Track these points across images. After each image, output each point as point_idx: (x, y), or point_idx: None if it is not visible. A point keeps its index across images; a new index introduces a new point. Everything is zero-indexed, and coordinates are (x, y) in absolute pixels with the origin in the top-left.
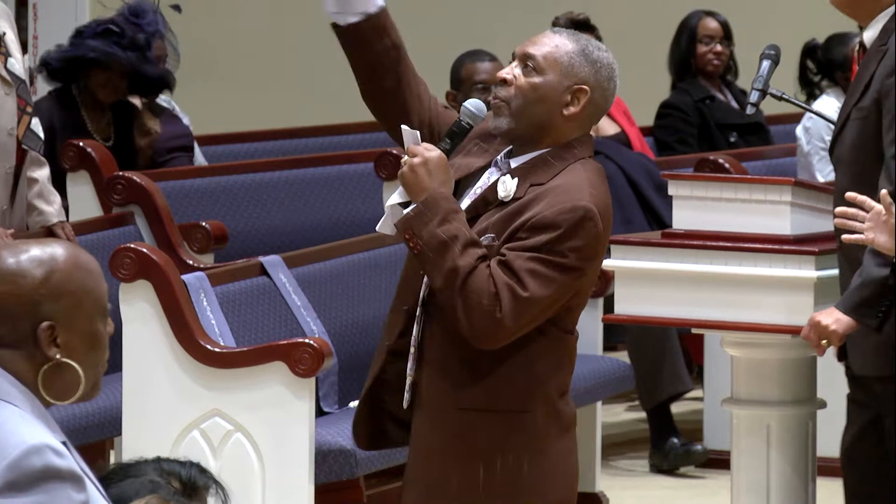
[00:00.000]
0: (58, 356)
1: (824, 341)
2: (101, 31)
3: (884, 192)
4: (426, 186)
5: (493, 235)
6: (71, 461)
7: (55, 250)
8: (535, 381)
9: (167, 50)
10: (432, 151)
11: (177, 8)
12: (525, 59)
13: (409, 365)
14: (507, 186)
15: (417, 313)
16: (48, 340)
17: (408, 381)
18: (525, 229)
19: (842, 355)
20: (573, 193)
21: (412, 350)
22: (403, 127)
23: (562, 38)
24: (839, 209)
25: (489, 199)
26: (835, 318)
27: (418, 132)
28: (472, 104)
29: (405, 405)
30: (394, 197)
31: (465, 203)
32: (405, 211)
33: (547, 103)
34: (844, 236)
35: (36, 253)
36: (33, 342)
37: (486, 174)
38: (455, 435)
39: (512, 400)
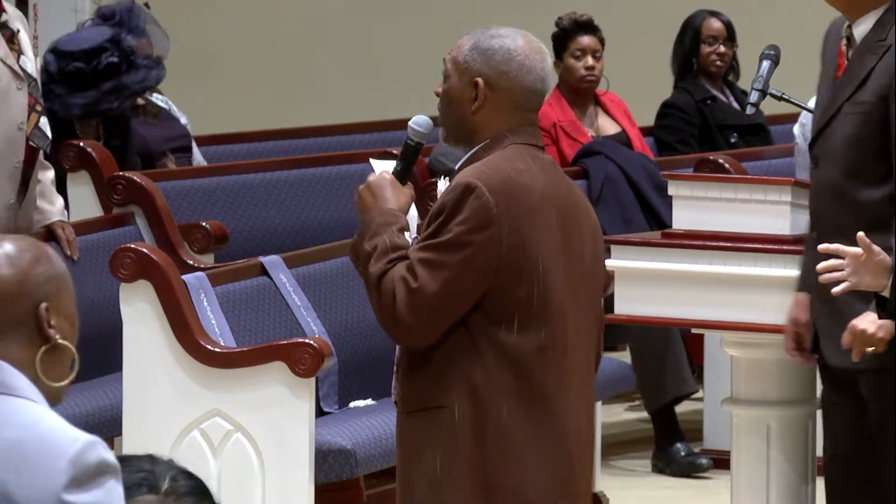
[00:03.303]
0: (57, 337)
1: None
2: (63, 74)
3: (860, 234)
4: (368, 208)
5: (416, 236)
6: (112, 454)
7: (29, 239)
8: (454, 375)
9: (151, 46)
10: (377, 175)
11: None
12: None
13: (394, 381)
14: (441, 189)
15: None
16: (48, 321)
17: (393, 397)
18: (429, 223)
19: (815, 348)
20: (462, 175)
21: (395, 367)
22: (371, 160)
23: (464, 39)
24: (821, 265)
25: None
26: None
27: (385, 163)
28: (415, 121)
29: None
30: None
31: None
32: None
33: (456, 104)
34: (834, 290)
35: (17, 240)
36: (33, 325)
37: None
38: (402, 438)
39: (434, 397)
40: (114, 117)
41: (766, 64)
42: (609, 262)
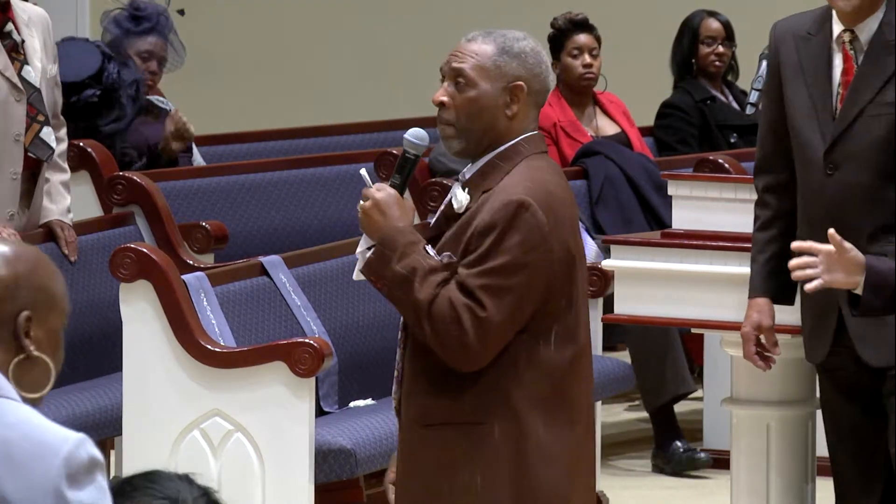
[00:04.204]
0: (32, 348)
1: None
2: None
3: (831, 231)
4: (381, 227)
5: (449, 253)
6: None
7: (34, 249)
8: (493, 393)
9: (167, 51)
10: (381, 191)
11: (180, 12)
12: (455, 77)
13: (394, 388)
14: (460, 199)
15: (399, 337)
16: (25, 331)
17: (393, 404)
18: (473, 240)
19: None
20: (508, 190)
21: (395, 373)
22: (362, 171)
23: (479, 44)
24: (793, 262)
25: (448, 215)
26: None
27: (365, 175)
28: (412, 134)
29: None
30: (361, 243)
31: (432, 222)
32: (367, 255)
33: (489, 111)
34: (807, 286)
35: (18, 247)
36: (11, 331)
37: (451, 190)
38: (422, 452)
39: (468, 412)
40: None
41: (765, 64)
42: (609, 262)
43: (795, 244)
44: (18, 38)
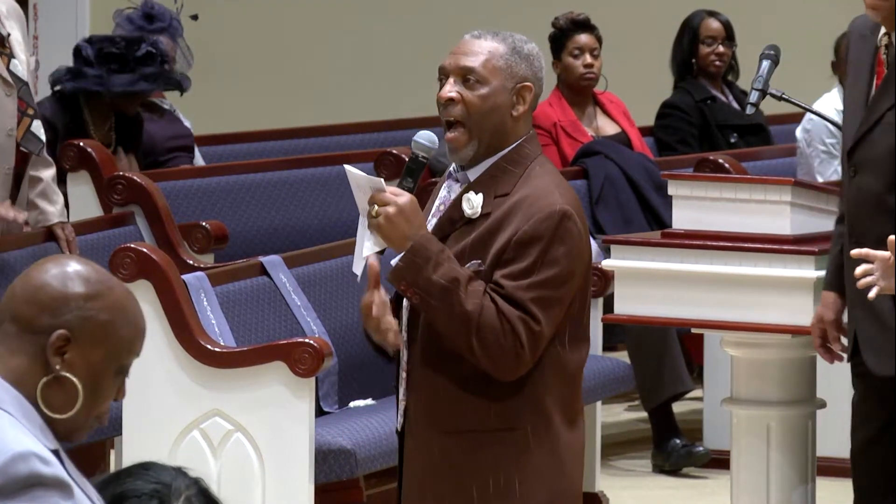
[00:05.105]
0: (58, 367)
1: None
2: (101, 56)
3: (892, 238)
4: (408, 235)
5: (479, 261)
6: (57, 469)
7: (115, 285)
8: (525, 398)
9: (176, 52)
10: (402, 196)
11: (194, 17)
12: (464, 74)
13: (402, 390)
14: (473, 203)
15: (403, 339)
16: (56, 349)
17: (400, 406)
18: (511, 249)
19: (852, 353)
20: (544, 199)
21: (403, 375)
22: (354, 171)
23: (489, 41)
24: (858, 271)
25: (455, 217)
26: None
27: (382, 179)
28: (423, 136)
29: (398, 428)
30: (368, 246)
31: (431, 223)
32: (392, 262)
33: (499, 110)
34: (869, 295)
35: (93, 273)
36: (42, 345)
37: (443, 189)
38: (445, 457)
39: (500, 419)
40: (127, 122)
41: (765, 64)
42: (609, 262)
43: (855, 251)
44: (4, 31)
